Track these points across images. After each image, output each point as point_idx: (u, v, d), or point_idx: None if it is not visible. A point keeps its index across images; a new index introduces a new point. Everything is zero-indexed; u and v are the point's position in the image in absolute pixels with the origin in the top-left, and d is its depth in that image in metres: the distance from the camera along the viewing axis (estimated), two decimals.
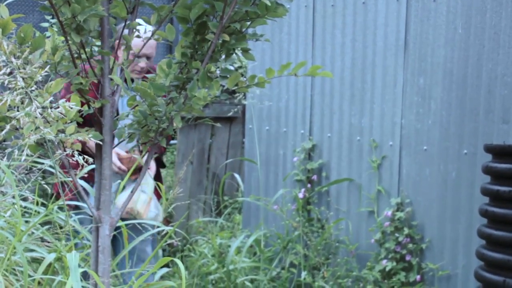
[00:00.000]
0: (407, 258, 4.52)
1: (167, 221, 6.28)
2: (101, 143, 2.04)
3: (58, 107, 1.83)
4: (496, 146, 3.36)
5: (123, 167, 3.99)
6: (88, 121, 2.97)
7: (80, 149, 1.99)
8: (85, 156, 1.94)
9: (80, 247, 3.12)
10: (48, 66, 1.85)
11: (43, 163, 2.66)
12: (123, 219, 3.54)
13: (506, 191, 3.18)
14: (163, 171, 7.32)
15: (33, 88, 1.75)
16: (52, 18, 1.84)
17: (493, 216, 3.28)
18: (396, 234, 4.56)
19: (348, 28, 4.77)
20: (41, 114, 1.76)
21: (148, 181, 4.05)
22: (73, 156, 1.94)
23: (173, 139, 6.25)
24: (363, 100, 4.81)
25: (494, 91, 3.96)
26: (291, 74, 2.19)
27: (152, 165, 4.14)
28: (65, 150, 1.96)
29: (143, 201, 4.04)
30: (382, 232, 4.65)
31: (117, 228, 3.20)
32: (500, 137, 3.93)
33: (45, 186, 2.65)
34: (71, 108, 1.81)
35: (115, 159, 3.96)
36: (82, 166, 2.48)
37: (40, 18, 6.00)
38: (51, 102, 1.83)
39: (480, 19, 4.01)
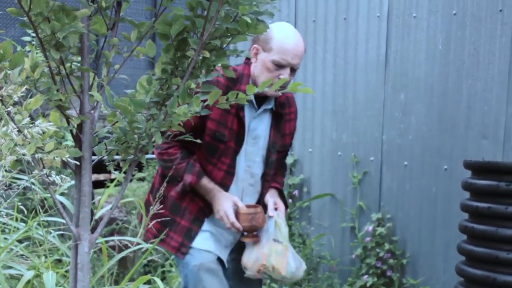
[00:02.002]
0: (388, 273, 4.52)
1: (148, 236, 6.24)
2: (77, 162, 2.03)
3: (36, 124, 1.81)
4: (475, 162, 3.37)
5: (237, 224, 3.18)
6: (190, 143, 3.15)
7: (58, 165, 1.97)
8: (62, 176, 1.93)
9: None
10: (26, 86, 1.83)
11: (22, 179, 2.64)
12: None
13: (485, 207, 3.19)
14: (144, 185, 7.28)
15: (9, 109, 1.74)
16: (34, 32, 1.83)
17: (473, 233, 3.29)
18: (377, 250, 4.56)
19: (330, 43, 4.79)
20: (19, 132, 1.75)
21: (280, 226, 3.29)
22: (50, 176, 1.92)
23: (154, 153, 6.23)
24: (345, 115, 4.82)
25: (474, 106, 3.99)
26: (272, 90, 2.20)
27: (281, 204, 3.43)
28: (44, 167, 1.94)
29: (278, 252, 3.23)
30: (363, 248, 4.65)
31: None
32: (480, 152, 3.95)
33: (19, 203, 2.63)
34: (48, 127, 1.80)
35: (229, 211, 3.21)
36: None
37: (22, 31, 5.98)
38: (32, 118, 1.82)
39: (460, 35, 4.04)
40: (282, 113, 3.37)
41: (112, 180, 6.55)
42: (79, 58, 2.01)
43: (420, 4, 4.26)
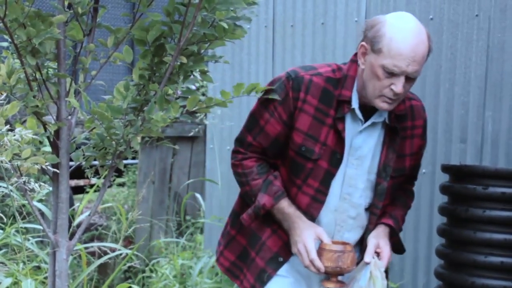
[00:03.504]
0: None
1: (128, 241, 6.23)
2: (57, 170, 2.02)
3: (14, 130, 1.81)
4: (452, 166, 3.39)
5: (318, 262, 2.47)
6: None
7: (36, 172, 1.96)
8: (41, 183, 1.93)
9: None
10: (2, 92, 1.83)
11: (0, 186, 2.63)
12: None
13: (463, 211, 3.21)
14: (124, 190, 7.26)
15: None
16: (9, 38, 1.83)
17: (451, 236, 3.31)
18: None
19: (308, 48, 4.81)
20: None
21: (375, 280, 2.53)
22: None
23: (134, 158, 6.22)
24: None
25: (451, 110, 4.01)
26: (245, 94, 2.22)
27: (385, 249, 2.59)
28: (21, 175, 1.93)
29: None
30: None
31: None
32: (458, 156, 3.98)
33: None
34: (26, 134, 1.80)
35: (310, 244, 2.50)
36: None
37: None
38: (10, 124, 1.81)
39: (437, 40, 4.07)
40: (398, 128, 2.57)
41: (92, 186, 6.53)
42: (56, 64, 2.01)
43: (397, 9, 4.29)
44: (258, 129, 2.55)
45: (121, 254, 4.61)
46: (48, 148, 2.06)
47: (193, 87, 5.65)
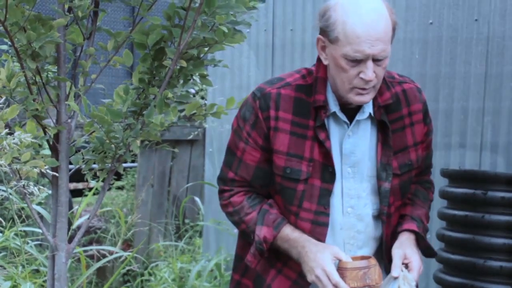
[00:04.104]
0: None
1: (127, 245, 6.23)
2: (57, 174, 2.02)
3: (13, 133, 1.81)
4: (452, 171, 3.39)
5: (343, 285, 2.13)
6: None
7: (35, 175, 1.96)
8: (40, 187, 1.93)
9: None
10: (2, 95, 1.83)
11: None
12: None
13: (462, 215, 3.21)
14: (123, 194, 7.26)
15: None
16: (10, 41, 1.83)
17: (450, 241, 3.31)
18: None
19: (307, 51, 4.81)
20: None
21: None
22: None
23: (133, 161, 6.22)
24: None
25: (450, 115, 4.01)
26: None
27: (414, 258, 2.26)
28: (20, 178, 1.93)
29: None
30: None
31: None
32: (457, 161, 3.98)
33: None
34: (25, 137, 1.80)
35: (328, 266, 2.16)
36: None
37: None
38: (9, 127, 1.82)
39: (436, 45, 4.07)
40: (387, 121, 2.29)
41: (91, 189, 6.53)
42: (56, 68, 2.01)
43: (396, 14, 4.30)
44: (237, 162, 2.30)
45: (120, 257, 4.61)
46: (48, 152, 2.06)
47: (193, 91, 5.66)
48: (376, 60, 2.11)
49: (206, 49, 2.09)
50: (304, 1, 4.80)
